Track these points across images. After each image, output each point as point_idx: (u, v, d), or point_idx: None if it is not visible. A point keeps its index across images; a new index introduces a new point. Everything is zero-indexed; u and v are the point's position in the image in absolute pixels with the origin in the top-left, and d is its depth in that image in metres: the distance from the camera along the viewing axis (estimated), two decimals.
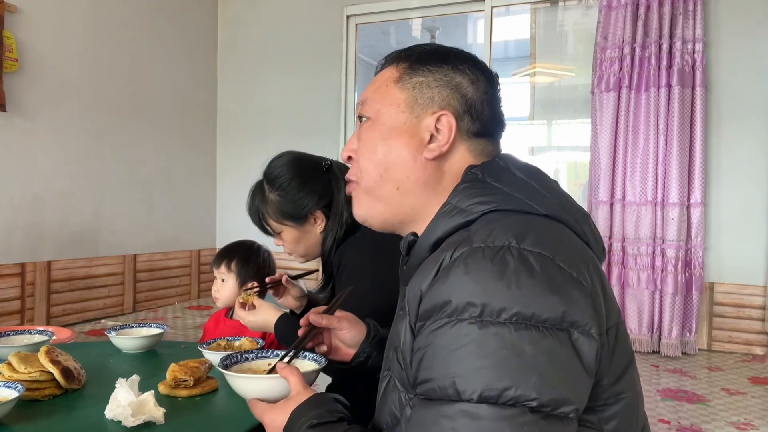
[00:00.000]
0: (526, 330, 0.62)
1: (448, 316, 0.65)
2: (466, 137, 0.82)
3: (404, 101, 0.82)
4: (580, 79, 4.08)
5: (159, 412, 0.99)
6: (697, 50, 3.49)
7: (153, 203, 4.37)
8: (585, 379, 0.65)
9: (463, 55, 0.85)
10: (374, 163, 0.83)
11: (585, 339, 0.64)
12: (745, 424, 2.41)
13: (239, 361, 1.03)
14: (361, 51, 5.03)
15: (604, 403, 0.69)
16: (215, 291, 1.79)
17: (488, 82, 0.84)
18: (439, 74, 0.82)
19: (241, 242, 1.84)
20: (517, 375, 0.61)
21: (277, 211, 1.43)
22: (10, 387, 1.04)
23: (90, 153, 3.86)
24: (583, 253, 0.72)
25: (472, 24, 6.11)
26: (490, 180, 0.77)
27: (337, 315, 1.04)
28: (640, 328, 3.58)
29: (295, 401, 0.82)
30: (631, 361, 0.74)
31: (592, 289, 0.67)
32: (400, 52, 0.87)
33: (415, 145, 0.81)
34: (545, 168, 3.89)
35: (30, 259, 3.50)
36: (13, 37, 3.35)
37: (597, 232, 0.81)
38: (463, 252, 0.67)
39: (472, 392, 0.61)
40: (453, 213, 0.76)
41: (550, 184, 0.80)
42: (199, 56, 4.81)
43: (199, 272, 4.82)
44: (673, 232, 3.50)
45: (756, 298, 3.52)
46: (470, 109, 0.82)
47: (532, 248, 0.66)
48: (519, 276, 0.64)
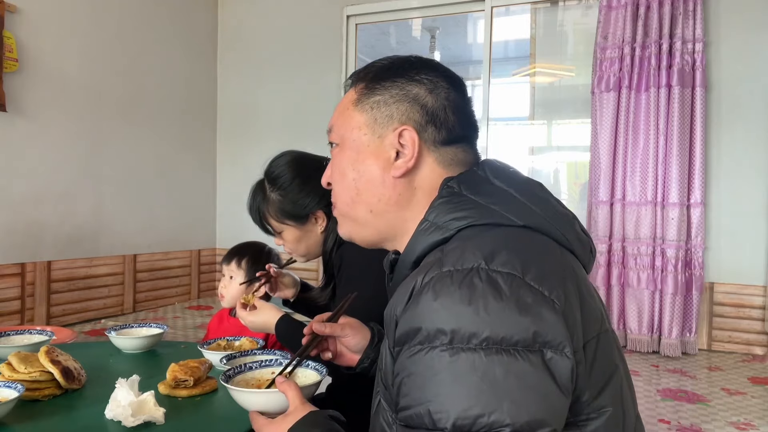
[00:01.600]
0: (497, 354, 0.62)
1: (421, 344, 0.65)
2: (434, 148, 0.81)
3: (365, 123, 0.82)
4: (580, 79, 4.08)
5: (159, 412, 0.99)
6: (697, 50, 3.49)
7: (153, 203, 4.38)
8: (561, 399, 0.64)
9: (420, 64, 0.84)
10: (345, 188, 0.84)
11: (559, 358, 0.63)
12: (745, 424, 2.41)
13: (242, 371, 1.03)
14: (361, 51, 5.03)
15: (586, 418, 0.68)
16: (222, 288, 1.80)
17: (452, 86, 0.82)
18: (395, 89, 0.81)
19: (253, 243, 1.85)
20: (489, 401, 0.60)
21: (278, 210, 1.43)
22: (10, 387, 1.04)
23: (90, 153, 3.87)
24: (561, 265, 0.70)
25: (472, 24, 6.11)
26: (467, 193, 0.76)
27: (340, 322, 1.04)
28: (640, 328, 3.58)
29: (293, 417, 0.82)
30: (615, 372, 0.72)
31: (565, 305, 0.66)
32: (358, 72, 0.86)
33: (382, 165, 0.81)
34: (545, 169, 3.86)
35: (30, 259, 3.50)
36: (13, 37, 3.35)
37: (584, 236, 0.79)
38: (433, 277, 0.67)
39: (446, 421, 0.61)
40: (430, 230, 0.75)
41: (532, 190, 0.78)
42: (199, 56, 4.81)
43: (199, 272, 4.82)
44: (673, 232, 3.50)
45: (756, 298, 3.52)
46: (433, 118, 0.80)
47: (502, 268, 0.65)
48: (487, 299, 0.63)
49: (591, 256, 0.80)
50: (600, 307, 0.75)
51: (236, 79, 4.93)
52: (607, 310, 0.77)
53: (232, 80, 4.95)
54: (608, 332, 0.74)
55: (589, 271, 0.80)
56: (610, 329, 0.76)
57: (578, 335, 0.67)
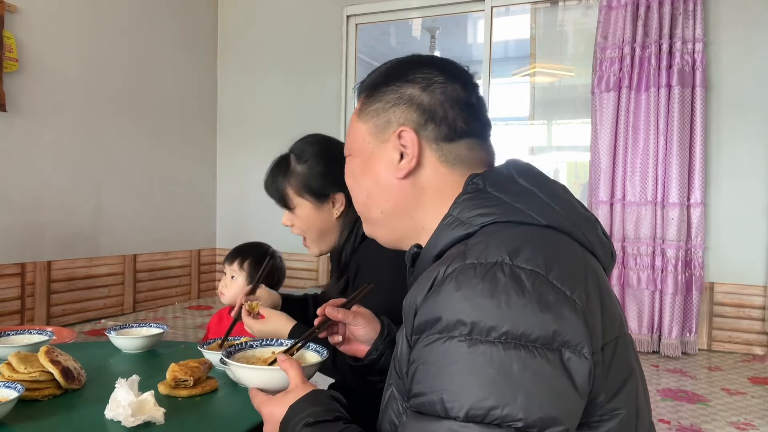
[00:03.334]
0: (515, 349, 0.62)
1: (439, 333, 0.65)
2: (436, 146, 0.81)
3: (368, 132, 0.85)
4: (580, 79, 4.08)
5: (159, 412, 0.99)
6: (697, 50, 3.49)
7: (153, 203, 4.37)
8: (576, 400, 0.64)
9: (416, 62, 0.84)
10: (358, 193, 0.89)
11: (577, 359, 0.63)
12: (745, 424, 2.41)
13: (243, 349, 1.04)
14: (361, 51, 5.04)
15: (599, 419, 0.68)
16: (222, 287, 1.80)
17: (449, 80, 0.82)
18: (390, 95, 0.83)
19: (257, 244, 1.86)
20: (504, 394, 0.61)
21: (301, 183, 1.39)
22: (10, 387, 1.04)
23: (90, 153, 3.86)
24: (583, 266, 0.71)
25: (472, 24, 6.11)
26: (492, 190, 0.76)
27: (353, 310, 1.04)
28: (640, 328, 3.58)
29: (294, 395, 0.82)
30: (631, 375, 0.72)
31: (586, 306, 0.66)
32: (361, 82, 0.89)
33: (387, 168, 0.83)
34: (545, 169, 3.87)
35: (30, 259, 3.50)
36: (13, 37, 3.35)
37: (605, 239, 0.79)
38: (456, 268, 0.67)
39: (458, 410, 0.62)
40: (454, 225, 0.76)
41: (556, 191, 0.78)
42: (199, 56, 4.81)
43: (199, 272, 4.82)
44: (673, 232, 3.50)
45: (756, 298, 3.52)
46: (431, 116, 0.81)
47: (525, 265, 0.66)
48: (509, 294, 0.63)
49: (612, 259, 0.80)
50: (619, 311, 0.75)
51: (236, 79, 4.93)
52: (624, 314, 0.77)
53: (232, 80, 4.95)
54: (626, 336, 0.74)
55: (609, 274, 0.80)
56: (628, 333, 0.76)
57: (597, 337, 0.67)
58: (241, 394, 1.16)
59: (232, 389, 1.19)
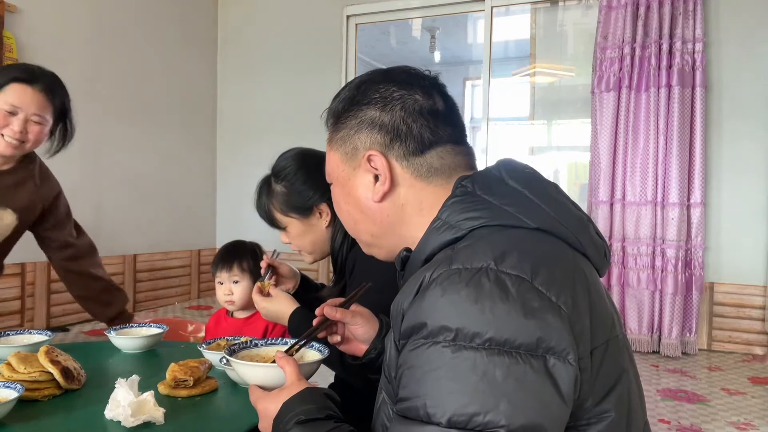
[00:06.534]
0: (498, 356, 0.62)
1: (425, 338, 0.65)
2: (406, 163, 0.81)
3: (340, 160, 0.85)
4: (580, 79, 4.09)
5: (159, 412, 0.99)
6: (697, 50, 3.49)
7: (153, 203, 4.37)
8: (561, 407, 0.63)
9: (371, 81, 0.84)
10: (347, 220, 0.89)
11: (562, 365, 0.63)
12: (745, 424, 2.41)
13: (248, 347, 1.05)
14: (361, 51, 5.04)
15: (587, 423, 0.68)
16: (227, 295, 1.72)
17: (408, 91, 0.81)
18: (352, 121, 0.83)
19: (239, 243, 1.83)
20: (486, 400, 0.60)
21: (283, 203, 1.41)
22: (10, 387, 1.04)
23: (90, 153, 3.86)
24: (571, 269, 0.70)
25: (472, 24, 6.11)
26: (481, 192, 0.76)
27: (351, 309, 1.05)
28: (640, 328, 3.58)
29: (288, 392, 0.82)
30: (622, 377, 0.71)
31: (572, 312, 0.65)
32: (327, 110, 0.89)
33: (365, 193, 0.83)
34: (545, 169, 3.87)
35: (30, 259, 3.50)
36: (13, 37, 3.35)
37: (598, 239, 0.78)
38: (441, 273, 0.67)
39: (441, 416, 0.62)
40: (443, 229, 0.75)
41: (547, 191, 0.77)
42: (199, 56, 4.81)
43: (199, 272, 4.82)
44: (673, 232, 3.50)
45: (756, 298, 3.52)
46: (395, 134, 0.80)
47: (511, 270, 0.65)
48: (494, 300, 0.63)
49: (605, 260, 0.79)
50: (612, 313, 0.74)
51: (236, 79, 4.93)
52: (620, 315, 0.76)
53: (232, 80, 4.95)
54: (618, 338, 0.73)
55: (602, 274, 0.79)
56: (622, 334, 0.75)
57: (585, 342, 0.66)
58: (241, 394, 1.16)
59: (232, 389, 1.19)
